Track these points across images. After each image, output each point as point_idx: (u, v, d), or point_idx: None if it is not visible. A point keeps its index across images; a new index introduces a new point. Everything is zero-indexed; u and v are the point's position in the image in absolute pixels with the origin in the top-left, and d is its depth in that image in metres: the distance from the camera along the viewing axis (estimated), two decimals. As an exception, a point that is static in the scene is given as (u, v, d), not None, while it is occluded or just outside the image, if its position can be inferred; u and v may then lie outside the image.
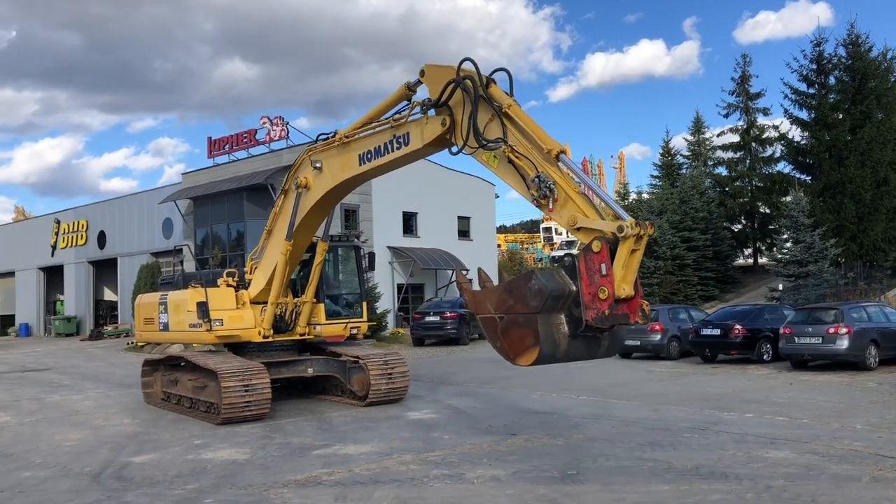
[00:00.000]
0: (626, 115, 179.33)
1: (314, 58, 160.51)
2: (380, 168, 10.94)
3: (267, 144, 34.11)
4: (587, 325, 7.13)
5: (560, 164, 7.95)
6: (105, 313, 45.61)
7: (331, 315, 14.26)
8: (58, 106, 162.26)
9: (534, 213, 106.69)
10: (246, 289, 13.94)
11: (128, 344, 31.71)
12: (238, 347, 13.84)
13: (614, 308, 7.01)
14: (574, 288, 7.22)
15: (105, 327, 40.96)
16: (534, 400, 14.23)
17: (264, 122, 34.17)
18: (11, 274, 52.16)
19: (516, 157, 8.14)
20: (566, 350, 7.40)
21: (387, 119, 10.38)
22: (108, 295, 46.15)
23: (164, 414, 13.82)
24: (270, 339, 13.69)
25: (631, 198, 44.25)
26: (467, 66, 8.73)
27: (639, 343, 21.12)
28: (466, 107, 8.76)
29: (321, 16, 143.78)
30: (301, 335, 13.99)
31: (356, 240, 15.17)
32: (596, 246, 7.12)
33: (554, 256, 55.65)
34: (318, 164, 12.09)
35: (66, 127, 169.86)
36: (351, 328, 14.43)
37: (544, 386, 16.03)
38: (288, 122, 34.16)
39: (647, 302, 7.38)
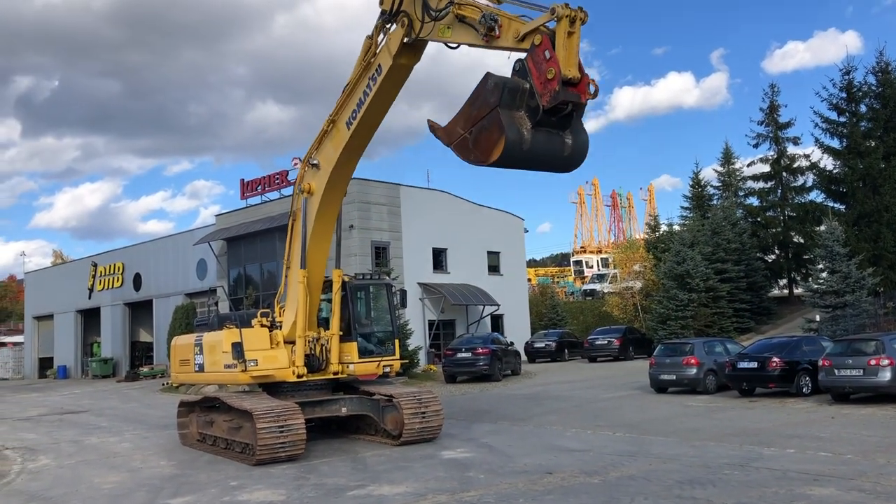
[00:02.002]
0: (656, 148, 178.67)
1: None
2: (367, 119, 11.66)
3: (299, 185, 34.48)
4: (544, 111, 7.80)
5: None
6: (141, 354, 46.13)
7: (363, 353, 14.21)
8: (97, 151, 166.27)
9: (564, 247, 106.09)
10: (279, 329, 14.09)
11: (163, 385, 32.00)
12: (272, 388, 13.91)
13: (565, 89, 7.66)
14: (528, 85, 7.95)
15: (141, 368, 41.37)
16: (569, 437, 14.08)
17: (295, 163, 34.43)
18: (50, 317, 53.09)
19: (461, 9, 9.13)
20: (531, 142, 8.01)
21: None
22: (144, 336, 46.71)
23: (200, 455, 13.89)
24: (305, 379, 13.78)
25: (662, 229, 43.96)
26: None
27: (674, 377, 20.84)
28: None
29: (352, 58, 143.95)
30: (335, 374, 14.00)
31: (387, 277, 15.22)
32: (537, 39, 7.94)
33: (585, 290, 55.26)
34: (314, 161, 12.73)
35: (105, 171, 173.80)
36: (384, 366, 14.32)
37: (579, 423, 15.85)
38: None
39: (594, 79, 7.94)
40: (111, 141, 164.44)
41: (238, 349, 13.20)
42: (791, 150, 41.55)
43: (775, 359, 18.80)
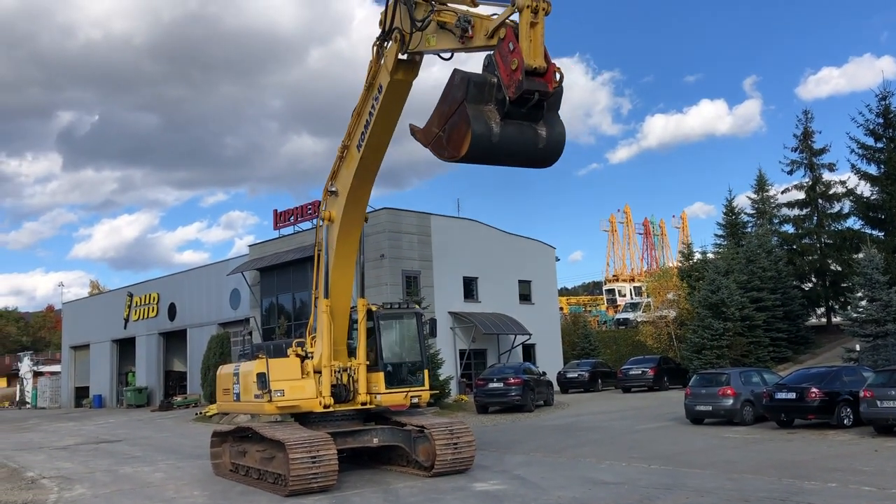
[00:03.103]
0: (688, 175, 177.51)
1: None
2: (373, 140, 11.91)
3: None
4: (511, 102, 7.77)
5: None
6: (174, 384, 46.55)
7: (390, 383, 14.07)
8: (135, 184, 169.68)
9: (596, 275, 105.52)
10: (311, 359, 14.16)
11: (196, 414, 32.21)
12: (304, 418, 13.94)
13: (530, 79, 7.61)
14: (496, 79, 7.96)
15: (174, 398, 41.73)
16: (603, 469, 13.87)
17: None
18: (86, 346, 53.91)
19: (440, 15, 9.33)
20: (500, 135, 7.95)
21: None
22: (178, 366, 47.17)
23: (233, 485, 13.92)
24: (332, 409, 13.79)
25: (695, 258, 43.51)
26: None
27: (710, 408, 20.47)
28: (405, 13, 10.13)
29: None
30: (362, 404, 13.92)
31: (416, 306, 15.17)
32: (502, 33, 7.98)
33: (618, 319, 54.72)
34: (333, 189, 12.99)
35: (143, 203, 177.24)
36: (412, 397, 14.19)
37: (613, 454, 15.61)
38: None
39: (560, 68, 7.87)
40: (149, 173, 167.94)
41: (262, 379, 13.30)
42: (826, 176, 41.11)
43: (814, 389, 18.38)
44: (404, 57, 10.85)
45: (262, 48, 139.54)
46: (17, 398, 60.29)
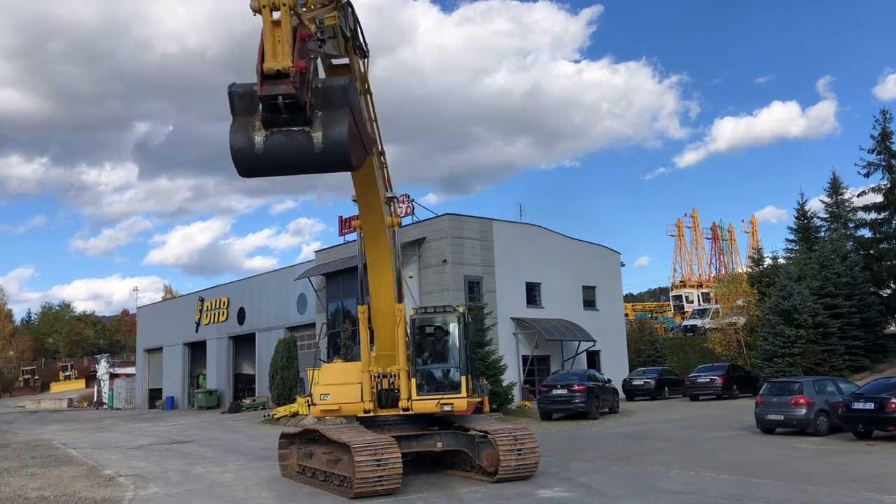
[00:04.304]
0: (759, 179, 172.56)
1: (442, 136, 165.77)
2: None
3: (395, 220, 35.21)
4: (265, 110, 7.21)
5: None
6: (243, 386, 47.61)
7: (423, 390, 13.87)
8: (207, 192, 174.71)
9: (662, 281, 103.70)
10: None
11: (264, 416, 32.86)
12: (368, 421, 14.11)
13: (274, 82, 7.05)
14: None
15: (243, 400, 42.65)
16: (670, 478, 13.61)
17: (399, 200, 35.44)
18: (159, 350, 55.62)
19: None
20: (265, 144, 7.36)
21: None
22: (246, 369, 48.24)
23: (300, 487, 14.15)
24: (373, 414, 13.95)
25: (766, 263, 42.36)
26: None
27: (782, 417, 19.87)
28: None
29: (449, 97, 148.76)
30: (404, 410, 13.87)
31: (458, 309, 14.76)
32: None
33: (686, 325, 53.63)
34: (354, 199, 13.14)
35: (215, 211, 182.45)
36: (443, 405, 13.69)
37: (681, 463, 15.31)
38: (413, 199, 35.35)
39: (306, 69, 7.30)
40: (221, 182, 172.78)
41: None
42: (907, 177, 39.39)
43: (894, 400, 17.67)
44: (337, 62, 10.71)
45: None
46: (95, 399, 62.51)
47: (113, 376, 61.25)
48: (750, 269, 44.89)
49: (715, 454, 16.67)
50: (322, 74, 9.88)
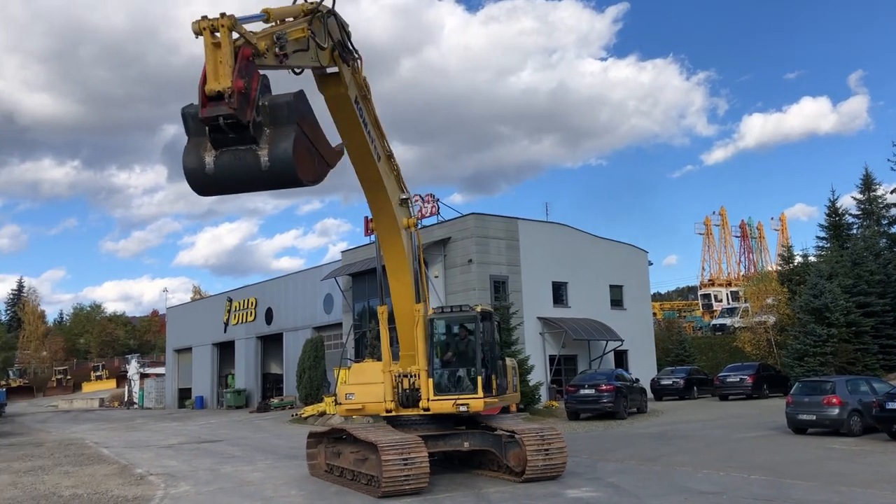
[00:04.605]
0: (789, 176, 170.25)
1: (467, 136, 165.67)
2: (350, 153, 11.83)
3: (419, 221, 35.27)
4: (210, 131, 7.25)
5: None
6: (271, 386, 47.96)
7: (440, 390, 13.83)
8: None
9: (690, 280, 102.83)
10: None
11: (292, 416, 33.08)
12: (396, 421, 14.15)
13: (215, 104, 7.07)
14: None
15: (271, 400, 42.98)
16: (700, 479, 13.47)
17: (416, 200, 35.52)
18: (189, 350, 56.22)
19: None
20: (216, 164, 7.45)
21: None
22: (274, 368, 48.60)
23: (328, 486, 14.23)
24: (394, 414, 14.01)
25: (796, 261, 41.81)
26: None
27: (814, 418, 19.58)
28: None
29: (474, 96, 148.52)
30: (425, 410, 13.86)
31: (476, 308, 14.58)
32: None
33: (715, 325, 53.09)
34: None
35: (243, 212, 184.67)
36: (459, 405, 13.58)
37: (711, 463, 15.15)
38: (438, 199, 35.41)
39: (246, 87, 7.21)
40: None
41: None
42: (940, 174, 38.69)
43: (929, 399, 17.34)
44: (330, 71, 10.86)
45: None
46: (126, 398, 63.35)
47: (143, 376, 62.02)
48: (780, 267, 44.37)
49: (745, 454, 16.48)
50: (323, 82, 10.13)
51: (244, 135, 7.32)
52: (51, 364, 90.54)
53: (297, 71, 9.66)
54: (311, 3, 9.46)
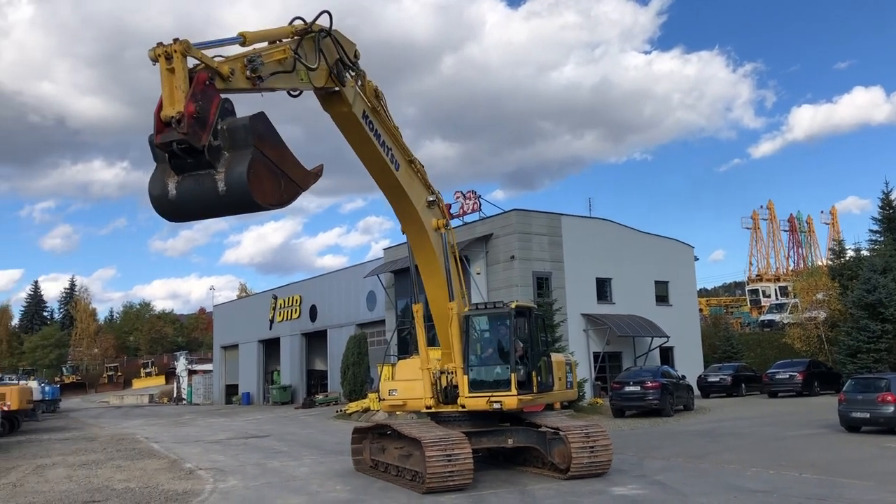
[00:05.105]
0: (840, 168, 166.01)
1: (509, 132, 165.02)
2: (366, 165, 12.06)
3: (460, 218, 35.34)
4: (170, 157, 7.19)
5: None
6: (316, 382, 48.46)
7: (474, 387, 13.71)
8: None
9: (737, 275, 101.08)
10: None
11: (337, 412, 33.38)
12: (440, 417, 14.17)
13: (170, 130, 6.98)
14: None
15: (316, 396, 43.42)
16: (748, 477, 13.23)
17: (458, 197, 35.56)
18: (235, 347, 57.08)
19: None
20: (178, 190, 7.38)
21: None
22: (319, 365, 49.08)
23: (373, 481, 14.32)
24: (434, 410, 14.07)
25: (848, 255, 40.79)
26: None
27: (868, 415, 19.07)
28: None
29: (516, 92, 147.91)
30: (462, 407, 13.83)
31: (512, 305, 14.35)
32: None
33: (763, 320, 52.10)
34: None
35: (287, 211, 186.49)
36: (493, 402, 13.44)
37: (760, 462, 14.87)
38: (480, 196, 35.33)
39: (199, 111, 7.08)
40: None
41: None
42: None
43: None
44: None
45: (398, 58, 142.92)
46: (175, 395, 64.58)
47: (191, 373, 63.13)
48: (830, 262, 43.36)
49: (796, 453, 16.14)
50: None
51: (201, 159, 7.23)
52: (102, 361, 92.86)
53: (294, 93, 9.58)
54: (302, 25, 9.33)
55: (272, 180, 7.68)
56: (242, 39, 8.30)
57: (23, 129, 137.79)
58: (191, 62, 7.38)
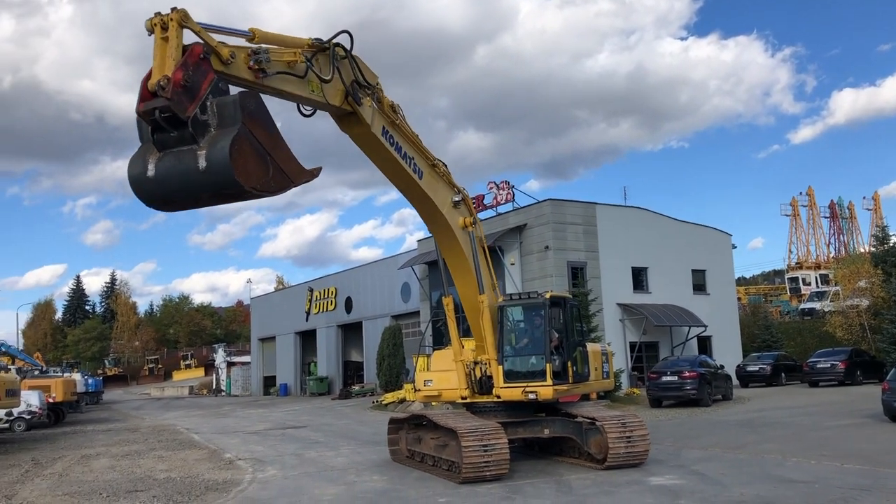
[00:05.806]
0: (883, 152, 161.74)
1: (543, 121, 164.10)
2: (386, 174, 11.91)
3: (494, 208, 35.27)
4: (152, 129, 6.81)
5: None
6: (352, 373, 48.85)
7: (509, 377, 13.69)
8: (315, 186, 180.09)
9: (776, 263, 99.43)
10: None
11: (373, 403, 33.61)
12: (475, 407, 14.19)
13: (156, 98, 6.60)
14: None
15: (352, 387, 43.77)
16: (789, 467, 13.04)
17: (491, 188, 35.48)
18: (272, 338, 57.74)
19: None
20: (157, 167, 6.89)
21: None
22: (355, 356, 49.47)
23: (410, 471, 14.39)
24: (469, 401, 14.10)
25: (892, 241, 39.86)
26: None
27: (913, 405, 18.66)
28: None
29: (550, 81, 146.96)
30: (497, 397, 13.81)
31: (546, 295, 14.28)
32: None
33: (803, 309, 51.23)
34: None
35: (323, 204, 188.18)
36: (528, 392, 13.40)
37: (801, 451, 14.64)
38: (513, 186, 35.21)
39: (188, 81, 6.74)
40: (328, 175, 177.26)
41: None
42: None
43: None
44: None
45: (431, 49, 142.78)
46: (214, 386, 65.55)
47: (230, 365, 64.00)
48: (873, 249, 42.41)
49: (838, 442, 15.86)
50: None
51: (185, 133, 6.78)
52: (143, 353, 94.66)
53: (307, 112, 9.27)
54: (317, 41, 9.14)
55: (258, 163, 7.24)
56: (251, 35, 8.03)
57: (64, 126, 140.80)
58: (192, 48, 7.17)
